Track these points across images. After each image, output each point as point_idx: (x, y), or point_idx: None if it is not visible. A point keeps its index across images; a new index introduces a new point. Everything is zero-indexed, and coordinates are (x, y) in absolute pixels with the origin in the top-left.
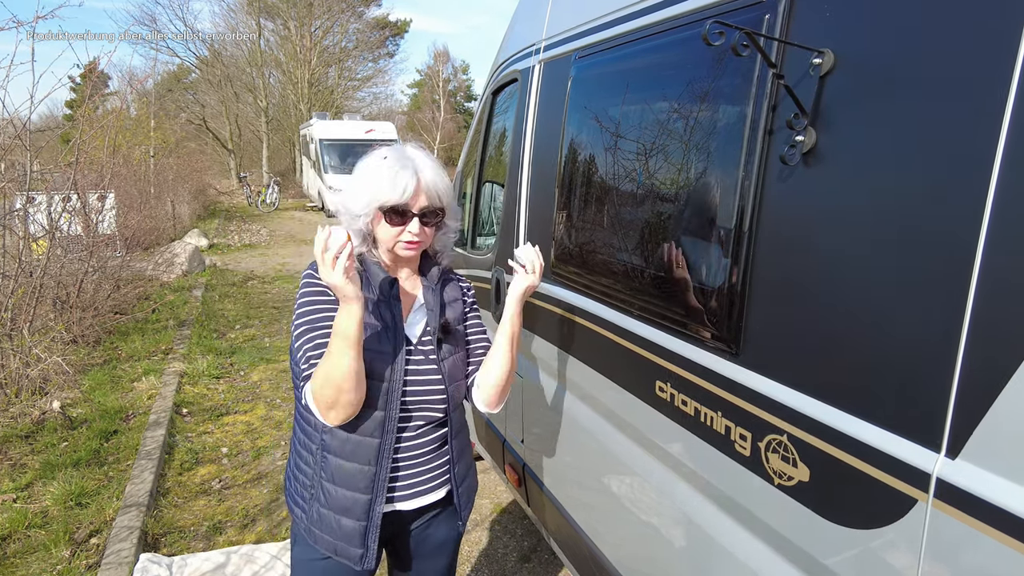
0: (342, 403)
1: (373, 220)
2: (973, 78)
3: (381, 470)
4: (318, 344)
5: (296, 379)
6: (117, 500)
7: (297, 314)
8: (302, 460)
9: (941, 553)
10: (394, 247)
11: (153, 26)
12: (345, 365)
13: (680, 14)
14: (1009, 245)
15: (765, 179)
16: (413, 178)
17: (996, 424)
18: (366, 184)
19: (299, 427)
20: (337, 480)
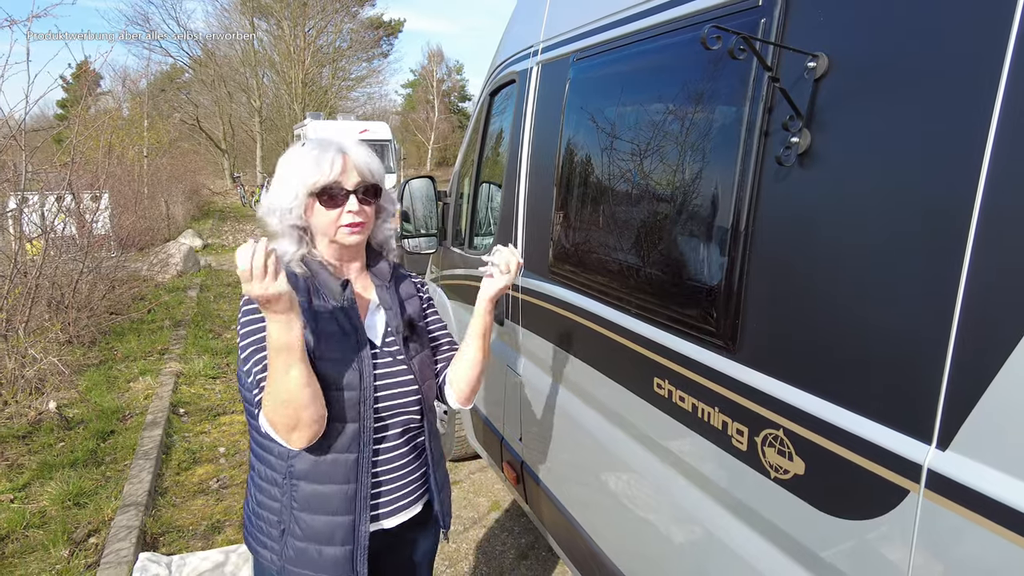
0: (304, 421)
1: (307, 210)
2: (961, 81)
3: (361, 487)
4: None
5: (250, 407)
6: (115, 500)
7: (243, 337)
8: (265, 495)
9: (932, 542)
10: (336, 234)
11: (146, 25)
12: (294, 380)
13: (677, 17)
14: (997, 242)
15: (761, 180)
16: (339, 155)
17: (985, 416)
18: (290, 173)
19: (258, 460)
20: (312, 507)
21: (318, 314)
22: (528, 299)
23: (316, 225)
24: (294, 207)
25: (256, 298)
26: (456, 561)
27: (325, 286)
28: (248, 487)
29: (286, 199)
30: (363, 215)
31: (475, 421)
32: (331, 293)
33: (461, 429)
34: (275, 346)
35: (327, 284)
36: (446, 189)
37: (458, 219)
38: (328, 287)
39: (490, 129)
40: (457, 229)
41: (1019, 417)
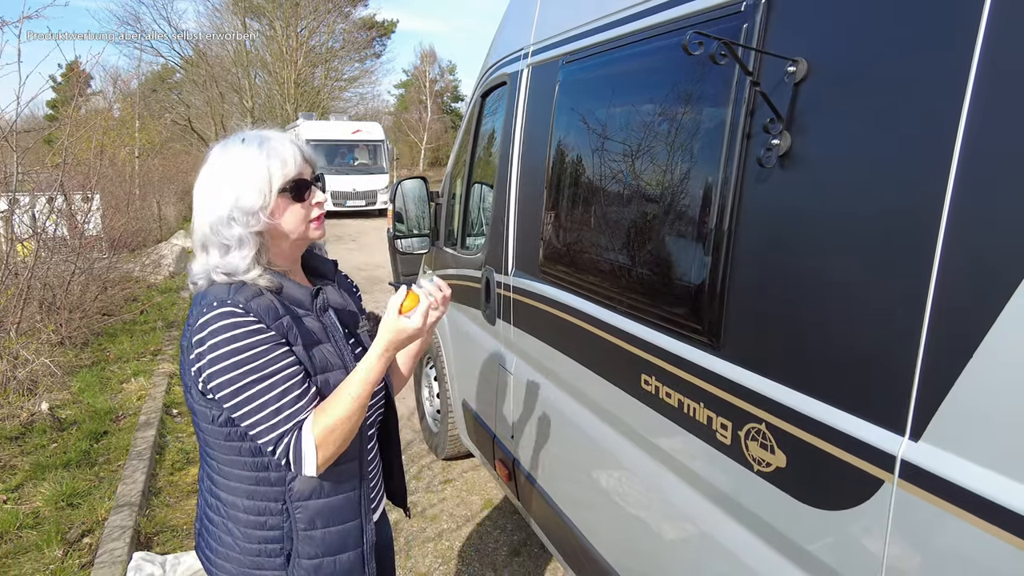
0: (339, 453)
1: (274, 211)
2: (931, 86)
3: (364, 489)
4: (286, 391)
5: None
6: (109, 500)
7: (233, 364)
8: (256, 528)
9: (906, 530)
10: (307, 230)
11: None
12: (361, 417)
13: (663, 22)
14: (964, 241)
15: (743, 181)
16: (292, 145)
17: (954, 409)
18: (247, 172)
19: (242, 496)
20: (323, 522)
21: (307, 331)
22: (519, 298)
23: (284, 225)
24: (262, 210)
25: (408, 336)
26: (449, 559)
27: (292, 296)
28: (211, 532)
29: (251, 200)
30: (324, 204)
31: (467, 419)
32: (300, 303)
33: (454, 428)
34: (373, 379)
35: (293, 295)
36: (438, 190)
37: (450, 219)
38: (295, 298)
39: (482, 130)
40: (449, 229)
41: (985, 409)
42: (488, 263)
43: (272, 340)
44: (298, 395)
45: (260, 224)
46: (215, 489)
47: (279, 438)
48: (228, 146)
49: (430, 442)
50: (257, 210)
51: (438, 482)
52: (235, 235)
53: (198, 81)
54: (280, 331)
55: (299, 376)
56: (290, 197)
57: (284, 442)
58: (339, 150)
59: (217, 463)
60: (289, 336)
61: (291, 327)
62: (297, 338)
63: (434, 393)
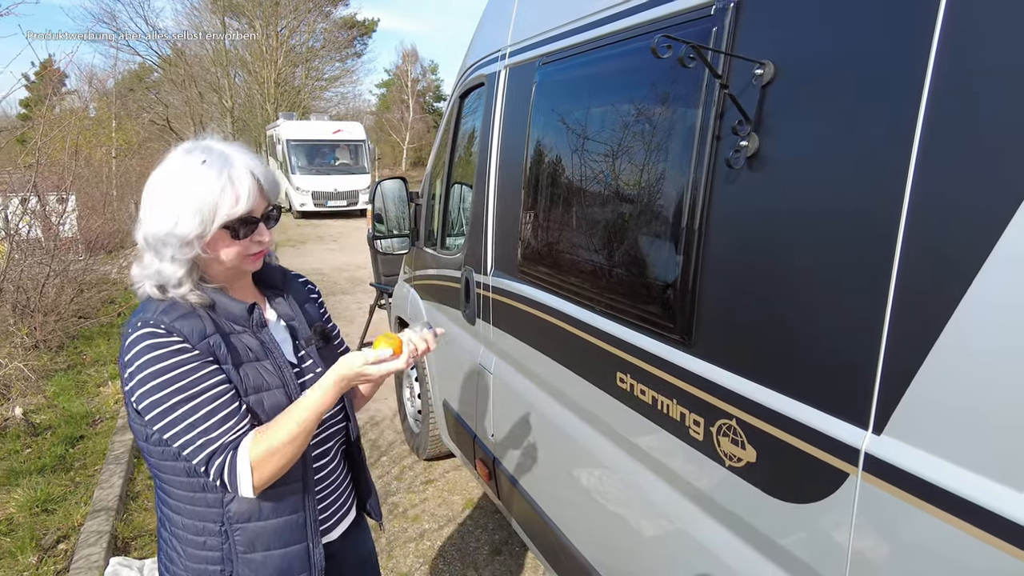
0: (277, 477)
1: (212, 242)
2: (890, 89)
3: (309, 512)
4: (212, 412)
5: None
6: (85, 505)
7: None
8: (197, 547)
9: (870, 521)
10: (241, 264)
11: (113, 24)
12: (307, 441)
13: (636, 24)
14: (922, 239)
15: (713, 182)
16: (252, 179)
17: (914, 403)
18: (193, 198)
19: (180, 514)
20: (262, 545)
21: (237, 348)
22: (498, 298)
23: (220, 256)
24: (198, 238)
25: (378, 378)
26: (430, 558)
27: (227, 312)
28: (163, 547)
29: (189, 229)
30: (269, 242)
31: (448, 420)
32: (235, 319)
33: (435, 428)
34: (322, 411)
35: (228, 310)
36: (418, 190)
37: (430, 220)
38: (230, 313)
39: (460, 131)
40: (429, 230)
41: (943, 403)
42: (468, 263)
43: (197, 359)
44: (227, 415)
45: (192, 252)
46: (161, 505)
47: (210, 458)
48: (189, 160)
49: (411, 443)
50: (192, 239)
51: (420, 482)
52: (167, 254)
53: (176, 80)
54: (207, 350)
55: (228, 395)
56: (229, 236)
57: (216, 463)
58: (320, 150)
59: (160, 480)
60: (218, 354)
61: (219, 345)
62: (227, 357)
63: (415, 394)
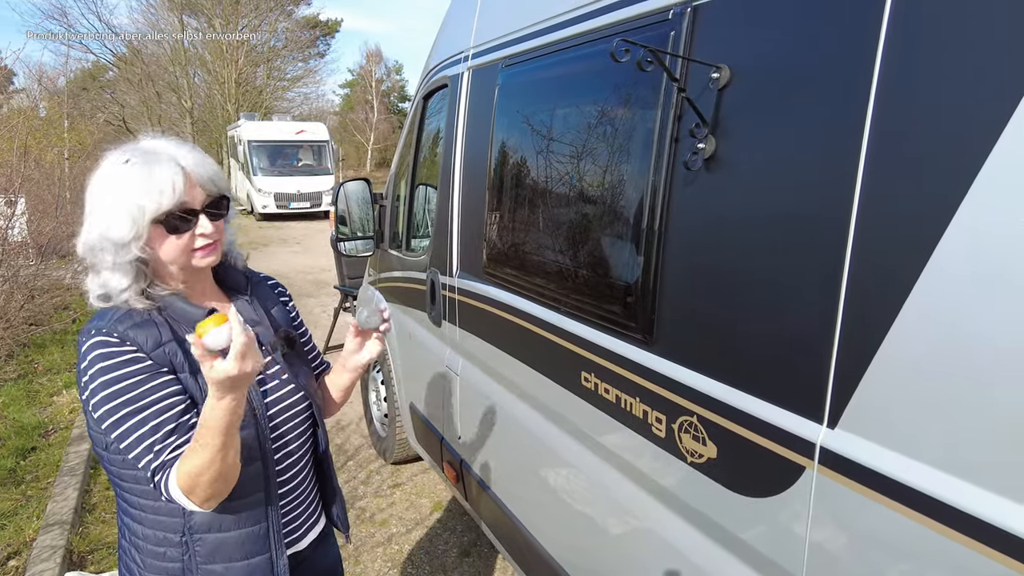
0: (225, 492)
1: (150, 241)
2: (841, 92)
3: (272, 522)
4: (158, 426)
5: (117, 470)
6: (38, 519)
7: (107, 400)
8: (158, 559)
9: (825, 513)
10: (190, 259)
11: (64, 20)
12: (232, 456)
13: (596, 28)
14: (871, 239)
15: (672, 183)
16: (177, 170)
17: (866, 398)
18: (119, 200)
19: (141, 524)
20: (224, 556)
21: (190, 354)
22: (464, 299)
23: (163, 255)
24: (135, 241)
25: (231, 380)
26: (399, 562)
27: (183, 317)
28: (123, 557)
29: (121, 232)
30: (216, 232)
31: (415, 423)
32: (192, 324)
33: (402, 432)
34: (220, 427)
35: (185, 315)
36: (383, 191)
37: (395, 221)
38: (187, 318)
39: (425, 132)
40: (394, 231)
41: (893, 397)
42: (433, 265)
43: (150, 370)
44: (170, 431)
45: (132, 255)
46: (121, 514)
47: (154, 473)
48: (113, 163)
49: (378, 447)
50: (128, 242)
51: (387, 486)
52: (107, 261)
53: (133, 80)
54: (161, 359)
55: (177, 408)
56: (165, 229)
57: (158, 479)
58: (282, 151)
59: (120, 488)
60: (174, 362)
61: (175, 353)
62: (183, 365)
63: (381, 397)
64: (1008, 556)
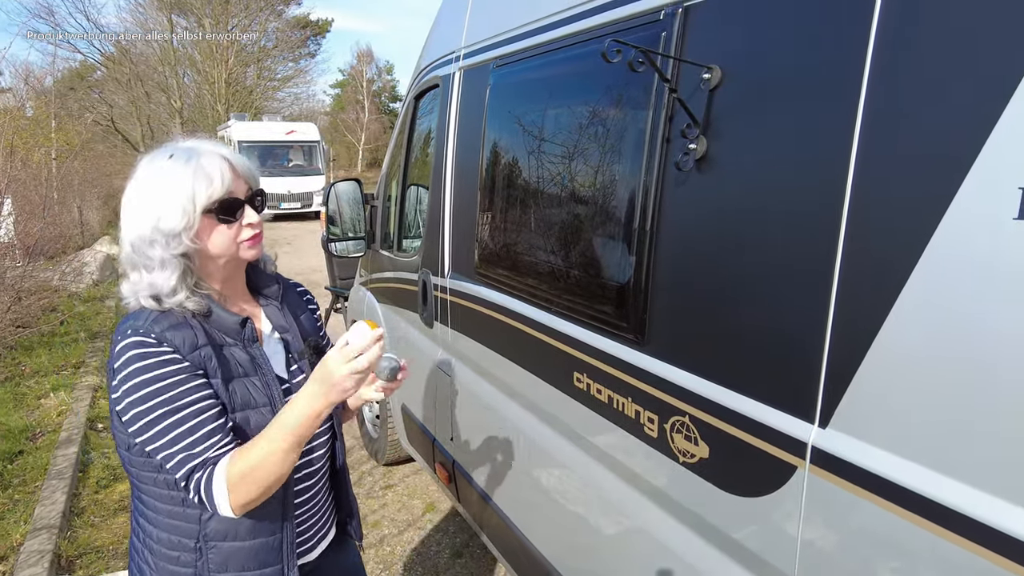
0: (263, 498)
1: (199, 232)
2: (832, 93)
3: (287, 533)
4: (197, 426)
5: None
6: (25, 524)
7: (145, 400)
8: (171, 563)
9: (817, 513)
10: (238, 251)
11: (51, 19)
12: (290, 464)
13: (587, 28)
14: (862, 238)
15: (663, 184)
16: (223, 161)
17: (857, 397)
18: (170, 191)
19: (157, 527)
20: (235, 565)
21: (227, 361)
22: (456, 300)
23: (212, 247)
24: (185, 232)
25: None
26: (391, 564)
27: (220, 324)
28: (135, 558)
29: (172, 222)
30: (260, 225)
31: (408, 424)
32: (227, 332)
33: (394, 433)
34: (300, 431)
35: (222, 322)
36: (374, 192)
37: (386, 222)
38: (223, 325)
39: (416, 132)
40: (385, 232)
41: (884, 396)
42: (425, 266)
43: (186, 371)
44: (210, 431)
45: (183, 246)
46: (137, 515)
47: (190, 473)
48: (155, 160)
49: (370, 448)
50: (179, 232)
51: (379, 488)
52: (156, 256)
53: (121, 80)
54: (197, 362)
55: (214, 410)
56: (216, 218)
57: (195, 478)
58: (273, 151)
59: (138, 489)
60: (208, 368)
61: (210, 358)
62: (216, 371)
63: None
64: (998, 554)
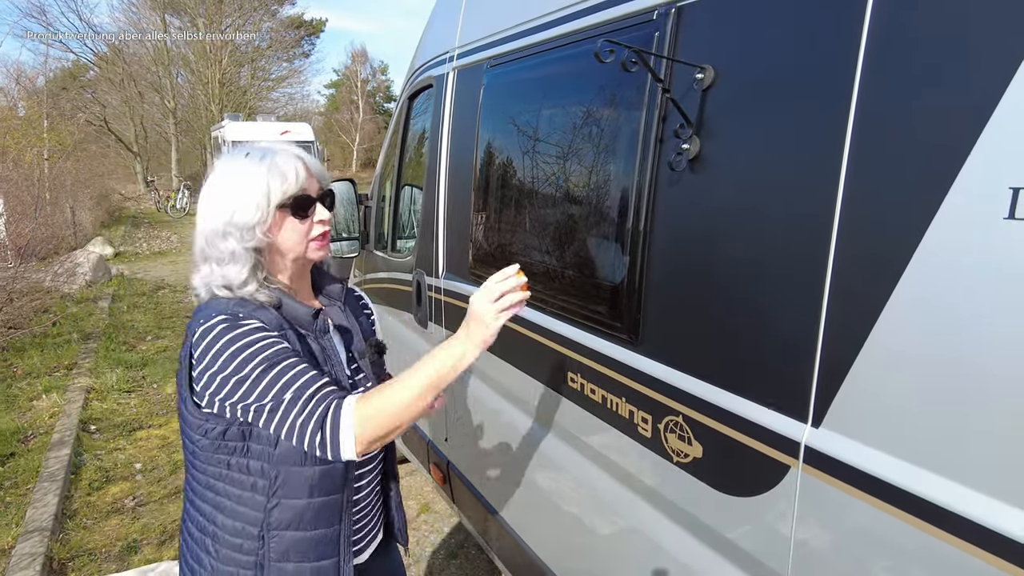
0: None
1: (272, 227)
2: (824, 94)
3: (344, 526)
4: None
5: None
6: (17, 527)
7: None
8: (232, 549)
9: (810, 512)
10: (306, 249)
11: (43, 19)
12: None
13: (581, 28)
14: (854, 238)
15: (657, 184)
16: (297, 160)
17: (850, 396)
18: (246, 186)
19: (222, 513)
20: (296, 555)
21: (307, 350)
22: (450, 300)
23: (283, 242)
24: (259, 225)
25: (495, 331)
26: None
27: (292, 315)
28: (191, 547)
29: (249, 215)
30: (330, 222)
31: None
32: (300, 323)
33: None
34: (444, 375)
35: (294, 313)
36: (368, 192)
37: (380, 222)
38: (295, 316)
39: (410, 132)
40: (380, 232)
41: (876, 396)
42: (419, 266)
43: (280, 340)
44: (325, 382)
45: (255, 240)
46: (199, 503)
47: (309, 416)
48: (231, 159)
49: None
50: (253, 225)
51: None
52: (229, 249)
53: (114, 80)
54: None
55: (315, 369)
56: (289, 213)
57: (319, 412)
58: None
59: (204, 476)
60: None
61: (294, 342)
62: (299, 352)
63: None
64: (990, 553)
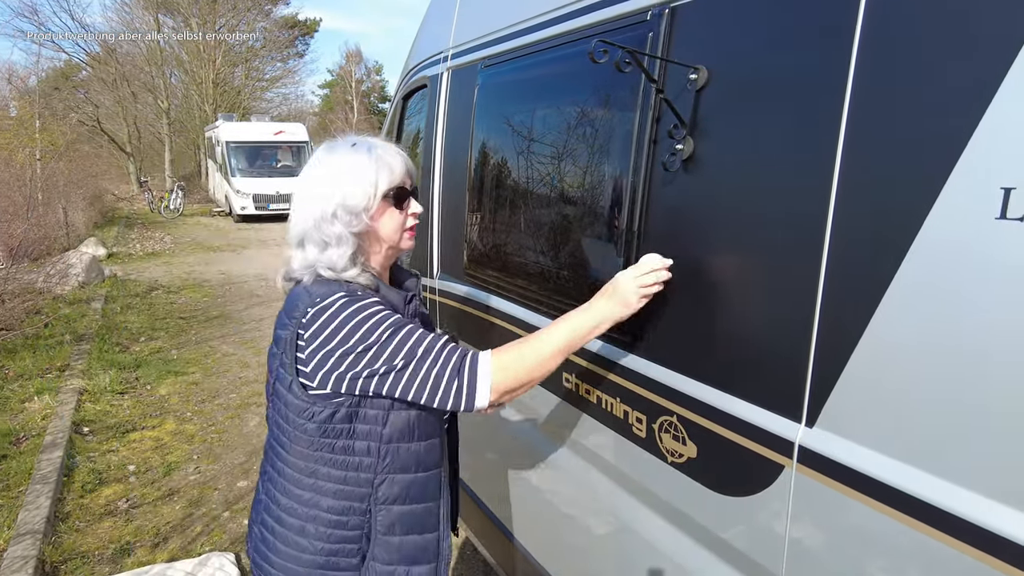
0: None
1: (375, 214)
2: (817, 95)
3: (443, 500)
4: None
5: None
6: (8, 529)
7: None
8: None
9: (804, 511)
10: (401, 239)
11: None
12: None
13: (575, 28)
14: (847, 238)
15: (651, 184)
16: (399, 155)
17: (843, 396)
18: (356, 174)
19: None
20: (402, 528)
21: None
22: (445, 301)
23: (382, 229)
24: (365, 212)
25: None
26: None
27: (388, 300)
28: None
29: (356, 200)
30: (419, 216)
31: None
32: (394, 308)
33: None
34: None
35: (390, 298)
36: None
37: None
38: (389, 300)
39: (404, 132)
40: None
41: (870, 395)
42: (413, 266)
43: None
44: (450, 338)
45: (361, 224)
46: (295, 490)
47: (445, 364)
48: (336, 149)
49: None
50: (360, 210)
51: None
52: (335, 232)
53: (107, 80)
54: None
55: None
56: (391, 203)
57: (453, 363)
58: (261, 152)
59: (304, 462)
60: None
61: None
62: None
63: None
64: (984, 552)
